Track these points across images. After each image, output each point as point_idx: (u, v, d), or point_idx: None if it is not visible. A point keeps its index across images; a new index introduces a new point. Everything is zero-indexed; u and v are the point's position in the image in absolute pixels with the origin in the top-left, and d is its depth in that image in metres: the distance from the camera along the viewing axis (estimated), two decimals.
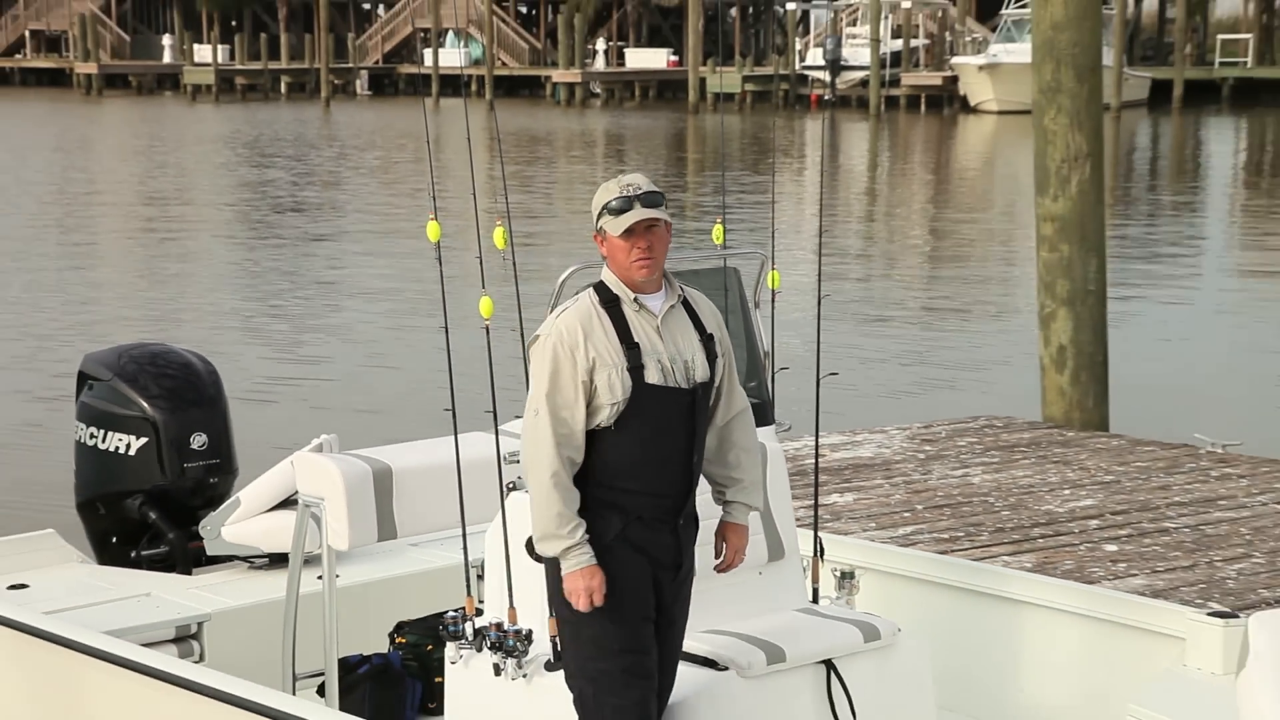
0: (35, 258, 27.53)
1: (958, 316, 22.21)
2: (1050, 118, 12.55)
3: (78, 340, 18.35)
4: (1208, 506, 10.27)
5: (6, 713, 7.88)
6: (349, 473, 6.92)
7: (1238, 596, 8.49)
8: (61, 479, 8.73)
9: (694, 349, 5.52)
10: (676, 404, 5.47)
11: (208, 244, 30.13)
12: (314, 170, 44.20)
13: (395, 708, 7.16)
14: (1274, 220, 34.44)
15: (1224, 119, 67.11)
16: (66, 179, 42.31)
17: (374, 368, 18.08)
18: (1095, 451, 11.72)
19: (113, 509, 8.31)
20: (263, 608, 7.47)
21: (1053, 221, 12.61)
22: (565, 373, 5.37)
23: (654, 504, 5.50)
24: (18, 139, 54.89)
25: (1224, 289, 25.20)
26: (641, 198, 5.42)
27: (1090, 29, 12.53)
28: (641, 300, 5.49)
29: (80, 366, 8.49)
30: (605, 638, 5.48)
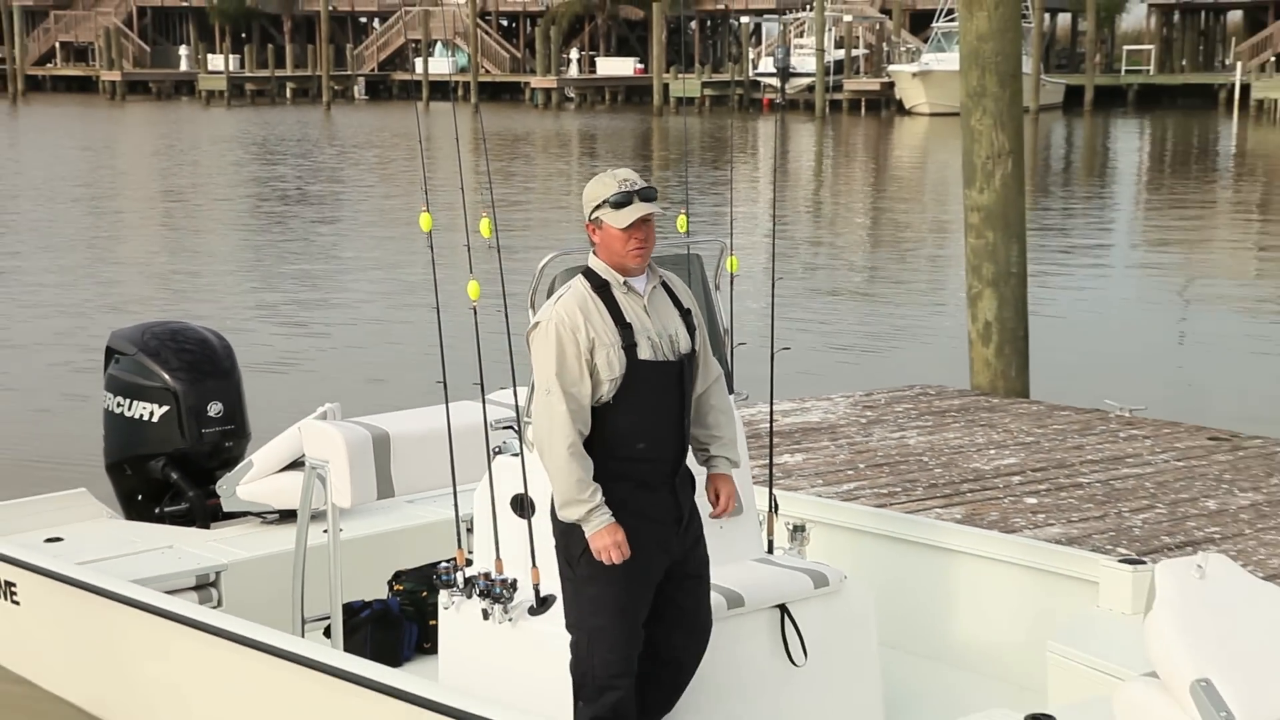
0: (66, 244, 27.47)
1: (895, 296, 22.25)
2: (976, 119, 12.56)
3: (105, 318, 18.34)
4: (1116, 464, 10.32)
5: (44, 654, 7.88)
6: (350, 438, 6.93)
7: (1143, 543, 8.51)
8: (92, 443, 8.70)
9: (676, 324, 5.54)
10: (667, 375, 5.49)
11: (222, 232, 30.07)
12: (317, 167, 44.09)
13: (394, 648, 7.18)
14: (1174, 209, 34.54)
15: (1129, 120, 67.29)
16: (94, 174, 42.19)
17: (373, 343, 18.04)
18: (1017, 416, 11.75)
19: (138, 470, 8.32)
20: (274, 559, 7.47)
21: (979, 211, 12.63)
22: (570, 353, 5.37)
23: (653, 468, 5.52)
24: (50, 139, 54.75)
25: (1130, 271, 25.30)
26: (640, 193, 5.41)
27: (1011, 40, 12.54)
28: (629, 283, 5.49)
29: (108, 342, 8.51)
30: (603, 598, 5.51)
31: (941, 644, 6.98)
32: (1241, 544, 8.51)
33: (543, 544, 6.03)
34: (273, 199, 35.74)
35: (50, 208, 33.59)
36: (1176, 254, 27.45)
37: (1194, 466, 10.27)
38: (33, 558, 7.58)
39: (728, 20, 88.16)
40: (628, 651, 5.57)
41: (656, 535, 5.54)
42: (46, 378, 16.02)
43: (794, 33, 77.61)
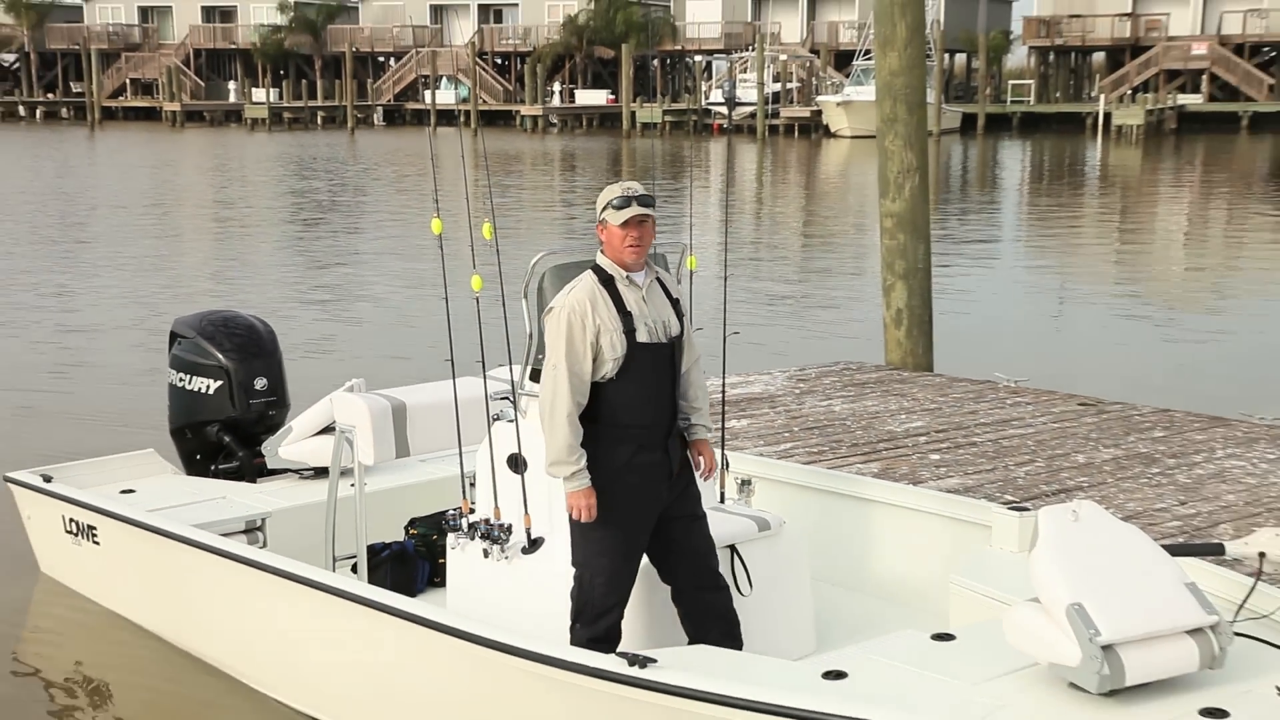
0: (138, 246, 27.33)
1: (824, 288, 22.30)
2: (889, 140, 12.57)
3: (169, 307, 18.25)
4: (1004, 426, 10.35)
5: (120, 586, 7.85)
6: (374, 407, 6.93)
7: (1025, 491, 8.54)
8: (158, 412, 8.67)
9: (668, 312, 5.56)
10: (660, 355, 5.50)
11: (266, 235, 29.95)
12: (344, 182, 43.91)
13: (409, 582, 7.20)
14: (1050, 215, 34.63)
15: (1014, 142, 67.43)
16: (159, 189, 42.03)
17: (392, 327, 18.01)
18: (923, 387, 11.79)
19: (196, 434, 8.32)
20: (309, 508, 7.46)
21: (892, 217, 12.63)
22: (577, 337, 5.37)
23: (649, 433, 5.52)
24: (122, 160, 54.56)
25: (1015, 266, 25.39)
26: (638, 198, 5.44)
27: (917, 75, 12.56)
28: (631, 277, 5.50)
29: (171, 328, 8.52)
30: (604, 540, 5.52)
31: (862, 577, 7.00)
32: (1105, 491, 8.56)
33: (534, 495, 6.03)
34: (308, 208, 35.61)
35: (123, 216, 33.43)
36: (1053, 252, 27.54)
37: (1066, 427, 10.32)
38: (111, 506, 7.60)
39: (684, 59, 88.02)
40: (622, 584, 5.59)
41: (651, 489, 5.57)
42: (122, 357, 15.95)
43: (739, 69, 77.59)
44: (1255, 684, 4.84)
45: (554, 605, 5.88)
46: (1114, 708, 4.72)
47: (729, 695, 4.81)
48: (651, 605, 5.86)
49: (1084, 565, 4.86)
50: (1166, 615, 4.81)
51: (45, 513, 8.19)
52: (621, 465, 5.48)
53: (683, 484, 5.70)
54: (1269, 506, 8.22)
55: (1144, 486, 8.69)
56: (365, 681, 6.23)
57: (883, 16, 12.51)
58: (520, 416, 6.07)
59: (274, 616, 6.59)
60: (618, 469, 5.48)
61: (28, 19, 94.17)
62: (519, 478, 6.03)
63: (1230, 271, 24.73)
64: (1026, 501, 8.04)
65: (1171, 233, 31.36)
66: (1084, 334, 18.20)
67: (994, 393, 11.56)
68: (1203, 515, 8.06)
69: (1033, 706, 4.79)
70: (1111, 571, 4.86)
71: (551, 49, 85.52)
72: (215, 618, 7.08)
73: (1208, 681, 4.86)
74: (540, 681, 5.33)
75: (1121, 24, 78.64)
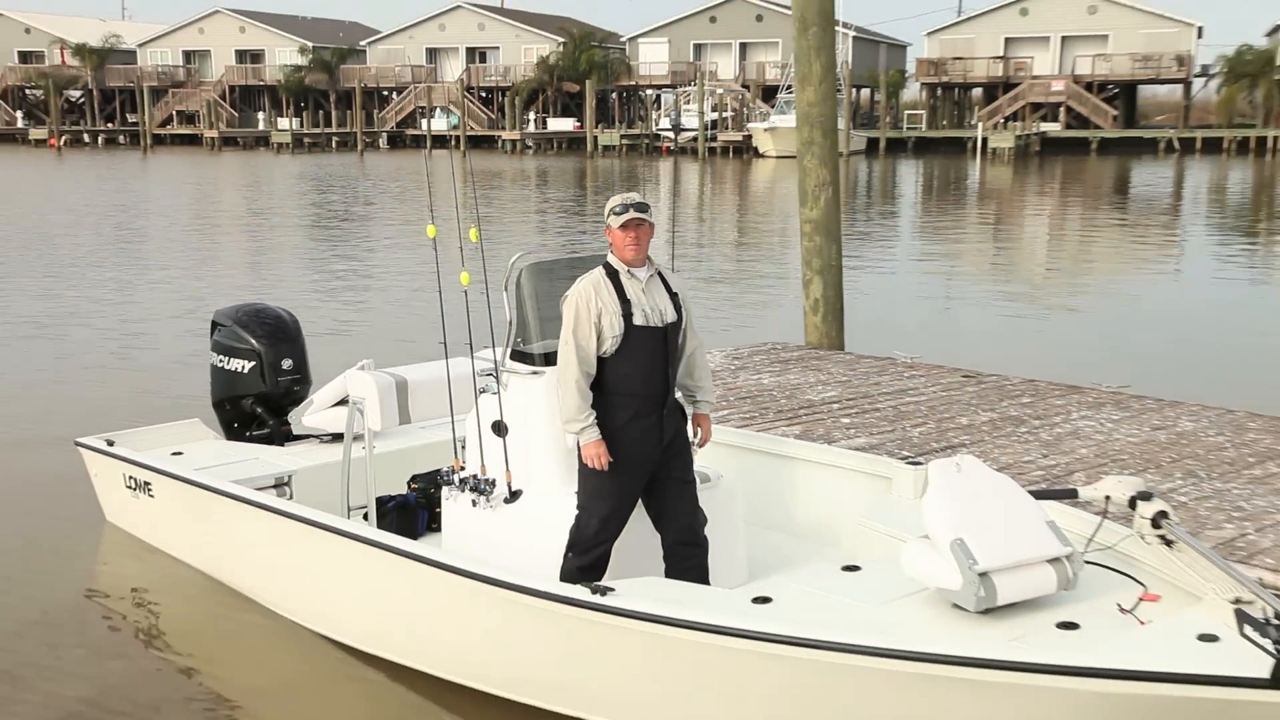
0: (184, 249, 27.06)
1: (755, 281, 22.30)
2: (807, 159, 12.57)
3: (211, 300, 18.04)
4: (901, 395, 10.39)
5: (171, 531, 7.80)
6: (381, 383, 6.89)
7: (919, 447, 8.57)
8: (202, 388, 8.60)
9: (665, 302, 5.54)
10: (654, 337, 5.48)
11: (290, 239, 29.69)
12: (355, 195, 43.58)
13: (411, 527, 7.17)
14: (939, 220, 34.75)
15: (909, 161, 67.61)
16: (200, 202, 41.63)
17: (395, 316, 17.92)
18: (836, 363, 11.81)
19: (234, 406, 8.26)
20: (328, 467, 7.43)
21: (810, 223, 12.65)
22: (584, 318, 5.39)
23: (644, 400, 5.50)
24: (170, 179, 54.00)
25: (910, 262, 25.46)
26: (634, 206, 5.44)
27: (830, 106, 12.56)
28: (633, 272, 5.49)
29: (212, 317, 8.45)
30: (606, 487, 5.53)
31: (786, 521, 7.00)
32: (983, 447, 8.60)
33: (514, 455, 6.02)
34: (325, 218, 35.33)
35: (171, 224, 33.07)
36: (941, 251, 27.62)
37: (952, 395, 10.37)
38: (163, 465, 7.57)
39: (638, 92, 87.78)
40: (612, 525, 5.58)
41: (644, 449, 5.54)
42: (172, 342, 15.80)
43: (683, 101, 77.38)
44: (1101, 602, 4.90)
45: (532, 545, 5.87)
46: (988, 623, 4.77)
47: (674, 617, 4.83)
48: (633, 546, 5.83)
49: (965, 508, 4.89)
50: (1031, 547, 4.86)
51: (109, 471, 8.16)
52: (619, 427, 5.48)
53: (676, 450, 5.66)
54: (1114, 458, 8.29)
55: (1014, 443, 8.74)
56: (374, 609, 6.22)
57: (801, 58, 12.52)
58: (502, 390, 6.05)
59: (298, 556, 6.56)
60: (616, 430, 5.47)
61: (91, 62, 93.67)
62: (501, 441, 6.02)
63: (1083, 266, 24.90)
64: (920, 457, 8.10)
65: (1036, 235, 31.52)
66: (966, 318, 18.31)
67: (894, 367, 11.60)
68: (1061, 466, 8.12)
69: (923, 623, 4.83)
70: (987, 512, 4.90)
71: (527, 84, 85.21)
72: (249, 557, 7.05)
73: (1063, 600, 4.91)
74: (520, 608, 5.33)
75: (995, 65, 79.02)
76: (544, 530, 5.86)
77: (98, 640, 6.80)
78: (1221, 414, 9.56)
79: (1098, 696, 4.22)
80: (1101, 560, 5.20)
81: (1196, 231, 31.36)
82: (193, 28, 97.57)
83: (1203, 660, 4.21)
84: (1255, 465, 8.04)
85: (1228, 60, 72.94)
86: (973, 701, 4.40)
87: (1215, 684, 4.10)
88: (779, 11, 79.48)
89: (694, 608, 4.87)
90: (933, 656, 4.37)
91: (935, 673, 4.38)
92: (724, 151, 73.79)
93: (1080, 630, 4.66)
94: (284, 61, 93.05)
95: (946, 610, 4.88)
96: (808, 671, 4.61)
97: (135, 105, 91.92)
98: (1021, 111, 75.94)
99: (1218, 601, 4.56)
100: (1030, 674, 4.25)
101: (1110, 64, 76.58)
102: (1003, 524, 4.86)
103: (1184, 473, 7.87)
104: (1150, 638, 4.50)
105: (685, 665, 4.91)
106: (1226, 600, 4.52)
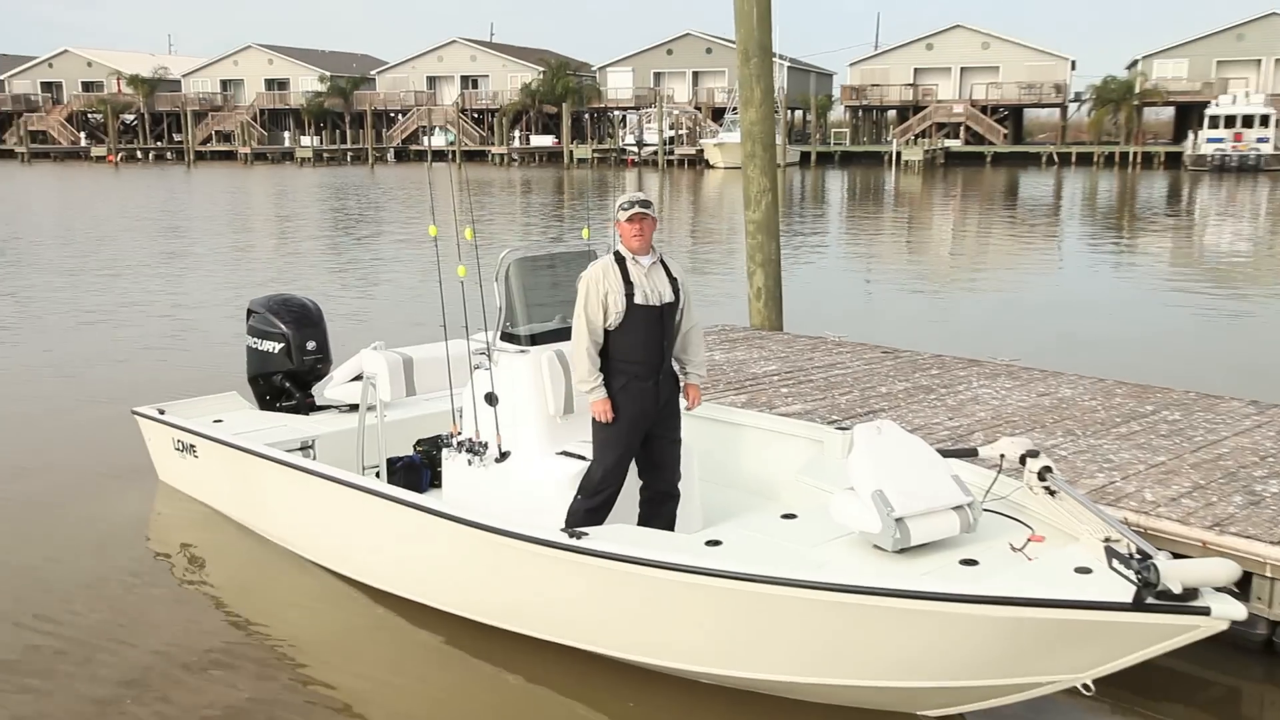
0: (223, 247, 26.74)
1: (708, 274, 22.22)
2: (750, 169, 12.51)
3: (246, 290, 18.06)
4: (831, 368, 10.34)
5: (213, 487, 7.72)
6: (391, 360, 6.84)
7: (846, 412, 8.52)
8: (238, 366, 8.50)
9: (665, 285, 5.48)
10: (651, 314, 5.42)
11: (314, 237, 29.37)
12: (368, 202, 43.22)
13: (417, 483, 7.09)
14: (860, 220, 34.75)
15: (836, 172, 67.69)
16: (236, 208, 41.18)
17: (402, 304, 17.73)
18: (777, 342, 11.76)
19: (266, 381, 8.15)
20: (346, 432, 7.36)
21: (753, 223, 12.58)
22: (592, 296, 5.36)
23: (642, 369, 5.45)
24: (210, 189, 53.41)
25: (838, 255, 25.45)
26: (639, 202, 5.42)
27: (769, 125, 12.48)
28: (638, 259, 5.44)
29: (248, 305, 8.33)
30: (610, 440, 5.50)
31: (735, 478, 6.97)
32: (899, 412, 8.58)
33: (503, 421, 5.96)
34: (342, 220, 35.02)
35: (212, 227, 32.65)
36: (863, 245, 27.62)
37: (873, 368, 10.34)
38: (207, 430, 7.48)
39: (607, 113, 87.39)
40: (615, 473, 5.53)
41: (641, 408, 5.49)
42: (213, 327, 15.61)
43: (645, 120, 77.17)
44: (996, 543, 4.92)
45: (519, 497, 5.83)
46: (904, 560, 4.77)
47: (640, 556, 4.81)
48: None
49: (884, 464, 4.89)
50: (938, 497, 4.86)
51: (161, 436, 8.06)
52: (620, 389, 5.45)
53: (668, 413, 5.62)
54: (1007, 420, 8.30)
55: (925, 408, 8.72)
56: (385, 552, 6.16)
57: (744, 84, 12.44)
58: (493, 366, 5.99)
59: (321, 507, 6.49)
60: (618, 390, 5.46)
61: (143, 90, 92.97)
62: (493, 410, 5.96)
63: (980, 258, 24.99)
64: (847, 421, 8.09)
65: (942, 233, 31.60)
66: (885, 303, 18.31)
67: (825, 345, 11.55)
68: (964, 426, 8.12)
69: (850, 561, 4.83)
70: (902, 468, 4.90)
71: (513, 107, 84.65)
72: (279, 508, 6.97)
73: (965, 541, 4.92)
74: (508, 550, 5.29)
75: (906, 90, 79.15)
76: (529, 484, 5.81)
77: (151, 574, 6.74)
78: (1094, 382, 9.59)
79: (994, 620, 4.24)
80: (996, 508, 5.21)
81: (1073, 230, 31.54)
82: (228, 60, 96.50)
83: (1079, 588, 4.24)
84: (1121, 424, 8.08)
85: (1096, 89, 73.56)
86: (892, 625, 4.41)
87: (1089, 608, 4.12)
88: (725, 45, 79.29)
89: (657, 549, 4.84)
90: (858, 588, 4.37)
91: (860, 602, 4.38)
92: (680, 163, 73.62)
93: (979, 565, 4.67)
94: (306, 88, 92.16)
95: (869, 550, 4.88)
96: (753, 602, 4.60)
97: (180, 126, 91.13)
98: (929, 130, 76.14)
99: (1091, 541, 4.58)
100: (939, 602, 4.26)
101: (1001, 91, 76.98)
102: (915, 477, 4.86)
103: (1064, 431, 7.90)
104: (1036, 571, 4.52)
105: (649, 598, 4.89)
106: (1098, 539, 4.55)
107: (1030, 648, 4.29)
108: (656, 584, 4.78)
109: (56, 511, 7.86)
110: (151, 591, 6.52)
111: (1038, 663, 4.34)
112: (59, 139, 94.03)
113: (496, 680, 5.44)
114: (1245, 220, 34.32)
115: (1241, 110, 60.82)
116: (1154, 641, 4.13)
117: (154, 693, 5.34)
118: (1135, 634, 4.13)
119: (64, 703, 5.26)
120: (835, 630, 4.52)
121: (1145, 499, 6.27)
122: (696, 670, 5.03)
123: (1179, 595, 4.02)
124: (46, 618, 6.14)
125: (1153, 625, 4.07)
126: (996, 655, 4.35)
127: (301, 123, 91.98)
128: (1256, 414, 8.35)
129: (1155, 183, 53.86)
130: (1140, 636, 4.13)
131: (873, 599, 4.33)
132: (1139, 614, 4.06)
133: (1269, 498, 6.29)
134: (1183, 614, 4.02)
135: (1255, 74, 71.70)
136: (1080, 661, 4.28)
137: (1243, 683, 5.40)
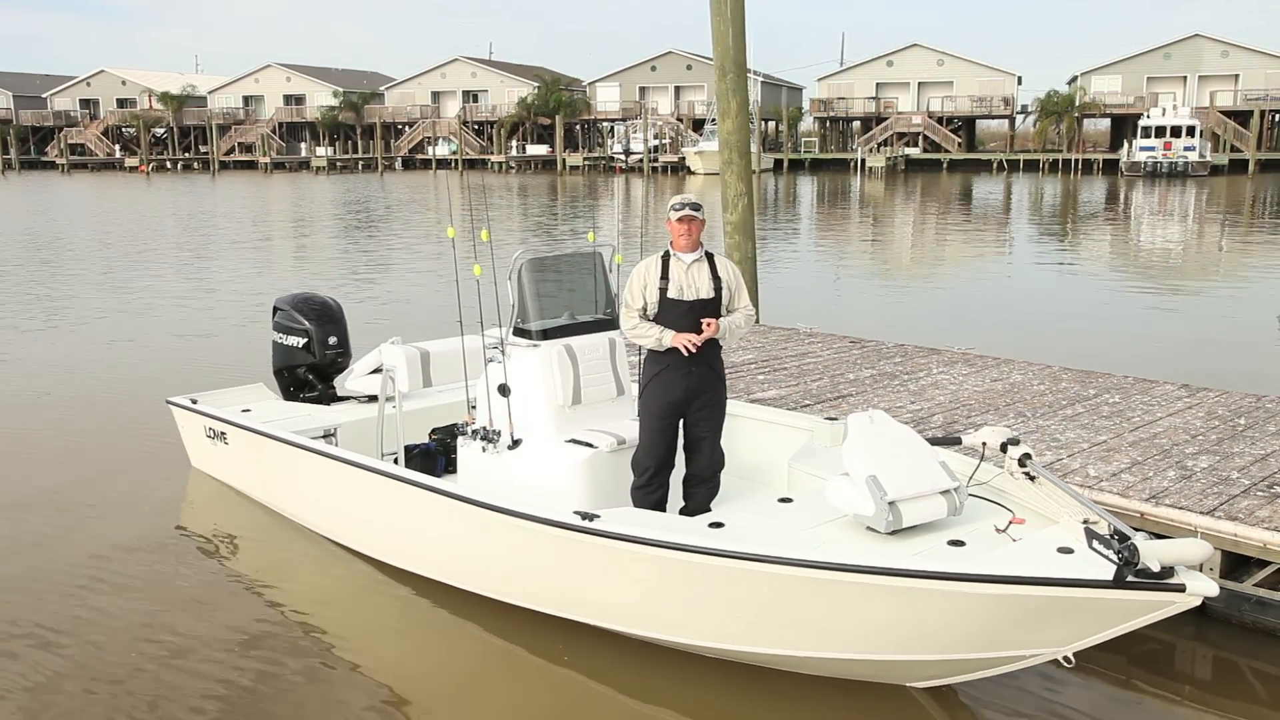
0: (248, 249, 26.49)
1: None
2: (728, 175, 12.37)
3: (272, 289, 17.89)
4: (804, 357, 10.23)
5: (242, 472, 7.56)
6: (408, 354, 6.69)
7: (817, 397, 8.39)
8: (264, 359, 8.33)
9: (705, 282, 5.33)
10: (681, 308, 5.27)
11: (332, 239, 29.14)
12: (378, 207, 42.94)
13: (432, 469, 6.96)
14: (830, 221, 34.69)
15: (806, 177, 67.69)
16: (258, 213, 40.88)
17: (420, 302, 17.57)
18: (753, 333, 11.64)
19: (291, 374, 7.99)
20: (366, 421, 7.22)
21: (731, 224, 12.44)
22: (636, 286, 5.28)
23: (677, 356, 5.31)
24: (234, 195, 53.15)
25: (808, 253, 25.37)
26: (689, 205, 5.27)
27: (745, 134, 12.35)
28: (681, 256, 5.31)
29: (274, 303, 8.17)
30: (648, 424, 5.38)
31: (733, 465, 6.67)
32: (866, 396, 8.45)
33: (515, 411, 5.81)
34: (359, 224, 34.76)
35: (237, 231, 32.35)
36: (831, 244, 27.53)
37: (842, 357, 10.23)
38: (235, 418, 7.32)
39: (596, 124, 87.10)
40: (654, 452, 5.40)
41: (674, 394, 5.33)
42: (241, 323, 15.40)
43: (632, 130, 76.97)
44: (981, 525, 4.80)
45: (529, 482, 5.67)
46: (895, 541, 4.63)
47: (648, 537, 4.66)
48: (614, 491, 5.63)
49: (877, 451, 4.75)
50: (927, 481, 4.72)
51: (193, 424, 7.90)
52: (654, 376, 5.34)
53: (702, 403, 5.39)
54: (964, 403, 8.19)
55: (889, 393, 8.61)
56: (402, 533, 6.00)
57: (722, 97, 12.29)
58: (506, 359, 5.83)
59: (342, 491, 6.34)
60: (653, 376, 5.35)
61: (172, 106, 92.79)
62: (505, 400, 5.81)
63: (938, 256, 24.91)
64: (827, 409, 7.95)
65: (903, 232, 31.52)
66: (852, 297, 18.20)
67: (797, 336, 11.46)
68: (925, 409, 8.00)
69: (844, 542, 4.69)
70: (894, 455, 4.76)
71: (510, 119, 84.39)
72: (303, 492, 6.81)
73: (952, 523, 4.79)
74: (519, 531, 5.14)
75: (870, 103, 79.15)
76: (540, 469, 5.66)
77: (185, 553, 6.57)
78: (1042, 368, 9.51)
79: (981, 597, 4.11)
80: (980, 492, 5.09)
81: (1021, 230, 31.51)
82: (250, 78, 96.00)
83: (1061, 567, 4.11)
84: (1067, 407, 8.01)
85: (1041, 102, 73.89)
86: (886, 602, 4.27)
87: (1071, 585, 4.01)
88: (704, 62, 79.06)
89: (663, 530, 4.69)
90: (852, 567, 4.23)
91: (854, 580, 4.24)
92: (664, 170, 73.46)
93: (966, 546, 4.54)
94: (321, 103, 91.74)
95: (862, 532, 4.74)
96: (755, 580, 4.45)
97: (206, 138, 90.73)
98: (890, 139, 76.17)
99: (1071, 523, 4.46)
100: (928, 580, 4.13)
101: (955, 103, 77.10)
102: (906, 464, 4.73)
103: (1015, 414, 7.81)
104: (1021, 551, 4.38)
105: (657, 576, 4.74)
106: (1078, 521, 4.42)
107: (1016, 623, 4.16)
108: (663, 563, 4.63)
109: (94, 492, 7.72)
110: (183, 570, 6.36)
111: (1023, 637, 4.21)
112: (96, 151, 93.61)
113: (507, 652, 5.30)
114: (1175, 220, 34.44)
115: (1170, 122, 61.47)
116: (1133, 616, 4.01)
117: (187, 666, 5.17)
118: (1116, 609, 4.01)
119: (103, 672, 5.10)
120: (833, 607, 4.38)
121: (1089, 474, 6.22)
122: (700, 645, 4.89)
123: (1157, 573, 3.90)
124: (81, 597, 5.97)
125: (1133, 601, 3.96)
126: (984, 630, 4.22)
127: (317, 134, 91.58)
128: (1188, 396, 8.33)
129: (1095, 187, 54.02)
130: (1120, 612, 4.01)
131: (869, 577, 4.19)
132: (1121, 591, 3.94)
133: (1199, 472, 6.27)
134: (1161, 591, 3.90)
135: (1181, 89, 72.17)
136: (1063, 636, 4.16)
137: (1177, 639, 5.38)
